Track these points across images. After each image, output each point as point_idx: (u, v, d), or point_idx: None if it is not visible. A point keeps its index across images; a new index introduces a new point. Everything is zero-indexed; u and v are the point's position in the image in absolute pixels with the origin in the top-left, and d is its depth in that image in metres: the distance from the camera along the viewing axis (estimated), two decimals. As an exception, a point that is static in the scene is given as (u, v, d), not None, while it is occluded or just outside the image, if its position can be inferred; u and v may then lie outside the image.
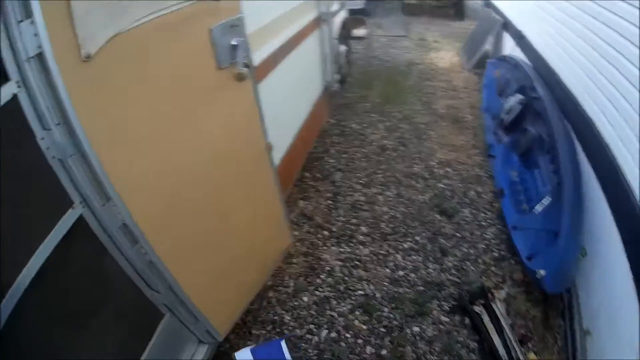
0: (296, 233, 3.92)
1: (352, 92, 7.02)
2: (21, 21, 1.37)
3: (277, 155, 3.21)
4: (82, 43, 1.54)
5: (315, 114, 4.70)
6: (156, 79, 1.95)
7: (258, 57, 2.86)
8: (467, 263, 3.64)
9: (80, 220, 1.74)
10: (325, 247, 3.82)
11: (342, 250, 3.79)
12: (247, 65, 2.41)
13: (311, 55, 4.59)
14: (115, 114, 1.77)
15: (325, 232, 3.99)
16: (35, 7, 1.38)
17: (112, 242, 1.91)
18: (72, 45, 1.52)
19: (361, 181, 4.71)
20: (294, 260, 3.64)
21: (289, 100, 3.86)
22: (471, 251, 3.76)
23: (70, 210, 1.70)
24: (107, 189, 1.77)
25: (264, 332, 3.08)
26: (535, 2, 5.92)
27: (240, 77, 2.39)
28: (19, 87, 1.45)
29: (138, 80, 1.85)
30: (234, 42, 2.31)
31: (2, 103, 1.40)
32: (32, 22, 1.39)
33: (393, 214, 4.23)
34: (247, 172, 2.74)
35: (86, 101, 1.62)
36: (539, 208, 3.52)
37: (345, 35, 6.77)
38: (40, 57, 1.45)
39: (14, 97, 1.45)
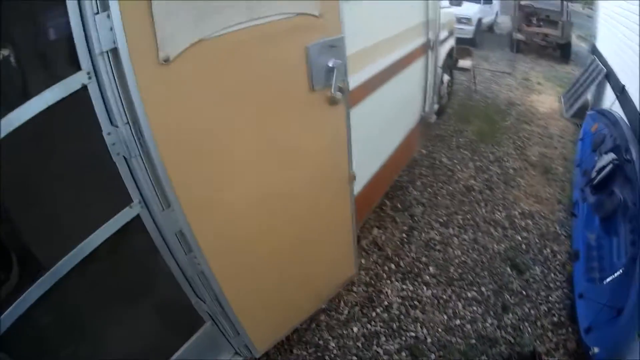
0: (363, 261, 3.71)
1: (449, 124, 6.69)
2: (97, 13, 1.28)
3: (359, 183, 2.99)
4: (161, 44, 1.41)
5: (407, 144, 4.44)
6: (240, 92, 1.80)
7: (355, 80, 2.65)
8: (526, 324, 3.30)
9: (137, 219, 1.67)
10: (388, 281, 3.57)
11: (404, 287, 3.53)
12: (341, 90, 2.21)
13: (413, 82, 4.33)
14: (189, 123, 1.65)
15: (392, 266, 3.74)
16: (113, 0, 1.26)
17: (165, 246, 1.82)
18: (150, 45, 1.41)
19: (440, 219, 4.42)
20: (354, 289, 3.43)
21: (381, 128, 3.61)
22: (532, 312, 3.42)
23: (127, 208, 1.63)
24: (169, 195, 1.66)
25: (304, 353, 2.90)
26: (637, 50, 5.33)
27: (333, 101, 2.20)
28: (89, 78, 1.36)
29: (220, 91, 1.72)
30: (330, 64, 2.11)
31: (71, 91, 1.33)
32: (109, 16, 1.29)
33: (464, 259, 3.92)
34: (323, 200, 2.55)
35: (160, 105, 1.51)
36: (608, 280, 3.19)
37: (450, 65, 6.50)
38: (114, 52, 1.35)
39: (84, 88, 1.36)
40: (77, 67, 1.33)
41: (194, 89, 1.61)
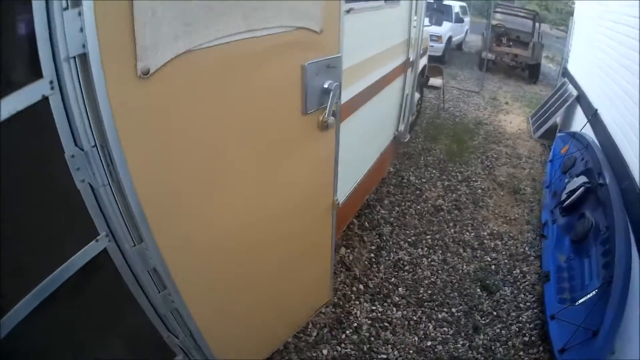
0: (331, 281, 3.44)
1: (417, 142, 6.48)
2: (66, 9, 0.96)
3: (334, 205, 2.75)
4: (140, 54, 1.10)
5: (380, 163, 4.22)
6: (228, 113, 1.51)
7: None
8: (497, 344, 3.17)
9: (104, 253, 1.34)
10: (357, 302, 3.34)
11: (374, 308, 3.31)
12: (334, 114, 1.94)
13: (391, 101, 4.12)
14: (169, 147, 1.34)
15: (361, 287, 3.50)
16: (87, -5, 0.95)
17: (136, 283, 1.50)
18: (128, 53, 1.09)
19: (409, 239, 4.19)
20: (323, 310, 3.16)
21: (357, 149, 3.37)
22: (503, 332, 3.28)
23: (93, 242, 1.30)
24: (142, 230, 1.35)
25: (273, 377, 2.68)
26: (612, 75, 5.23)
27: (324, 127, 1.92)
28: (52, 89, 1.04)
29: (206, 111, 1.42)
30: (326, 85, 1.83)
31: (29, 103, 1.01)
32: (80, 14, 0.97)
33: (434, 279, 3.73)
34: (305, 229, 2.27)
35: (135, 126, 1.20)
36: (581, 301, 3.11)
37: (421, 83, 6.32)
38: (83, 59, 1.03)
39: (45, 100, 1.04)
40: (39, 75, 1.02)
41: (177, 108, 1.31)
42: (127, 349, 1.74)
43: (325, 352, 2.86)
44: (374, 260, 3.81)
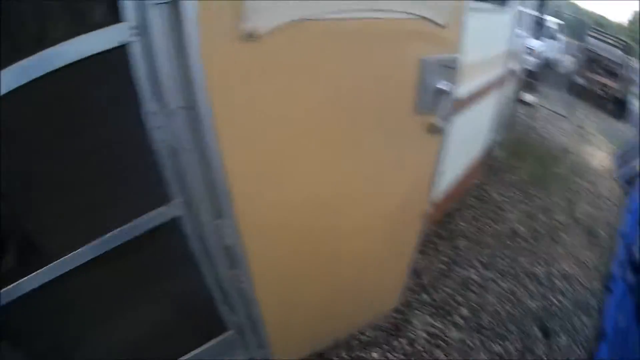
0: (397, 284, 3.20)
1: (502, 156, 6.00)
2: None
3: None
4: (247, 13, 0.91)
5: (470, 174, 3.93)
6: (332, 95, 1.30)
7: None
8: None
9: (176, 220, 1.20)
10: (418, 312, 3.03)
11: (434, 323, 2.99)
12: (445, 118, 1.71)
13: (488, 111, 3.80)
14: (262, 119, 1.16)
15: (426, 297, 3.19)
16: None
17: (206, 257, 1.35)
18: (232, 10, 0.91)
19: (482, 259, 3.82)
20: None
21: (451, 156, 3.06)
22: None
23: (164, 207, 1.15)
24: (223, 204, 1.19)
25: (320, 368, 2.54)
26: None
27: (432, 130, 1.69)
28: (132, 36, 0.88)
29: (308, 88, 1.22)
30: (441, 86, 1.58)
31: (103, 47, 0.85)
32: None
33: (498, 308, 3.35)
34: (390, 232, 2.07)
35: (230, 91, 1.03)
36: None
37: (515, 97, 5.90)
38: (174, 6, 0.85)
39: (123, 48, 0.88)
40: (116, 18, 0.86)
41: (278, 79, 1.12)
42: (178, 314, 1.62)
43: (375, 355, 2.60)
44: (444, 272, 3.48)
